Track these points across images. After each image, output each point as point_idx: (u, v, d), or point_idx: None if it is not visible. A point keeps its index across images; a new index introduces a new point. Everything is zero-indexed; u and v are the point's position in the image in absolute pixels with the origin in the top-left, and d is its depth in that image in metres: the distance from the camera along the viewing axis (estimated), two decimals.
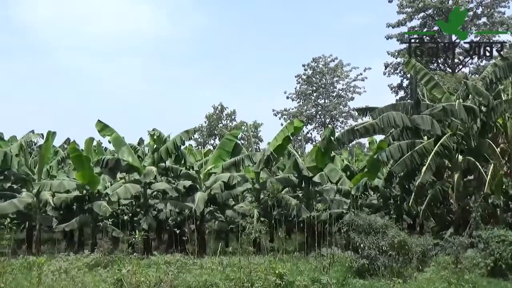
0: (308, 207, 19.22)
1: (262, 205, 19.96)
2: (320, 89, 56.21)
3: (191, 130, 19.97)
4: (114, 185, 19.90)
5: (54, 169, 21.49)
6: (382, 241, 13.30)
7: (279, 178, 20.54)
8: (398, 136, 18.02)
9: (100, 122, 19.72)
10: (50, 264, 13.75)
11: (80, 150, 19.11)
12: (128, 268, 12.13)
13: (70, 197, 20.09)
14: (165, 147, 19.18)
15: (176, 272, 13.08)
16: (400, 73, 45.85)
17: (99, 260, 15.05)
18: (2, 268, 12.43)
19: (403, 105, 18.64)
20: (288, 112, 55.24)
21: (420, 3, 41.45)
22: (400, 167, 16.48)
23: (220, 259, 15.60)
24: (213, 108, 55.16)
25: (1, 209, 17.97)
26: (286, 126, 20.22)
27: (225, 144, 20.80)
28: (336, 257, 14.90)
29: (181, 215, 20.38)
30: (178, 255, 16.03)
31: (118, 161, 19.23)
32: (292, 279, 12.05)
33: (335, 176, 20.35)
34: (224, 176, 19.54)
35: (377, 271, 13.06)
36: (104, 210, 18.34)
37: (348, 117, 55.07)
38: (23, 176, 20.03)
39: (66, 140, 29.40)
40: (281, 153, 20.39)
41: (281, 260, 14.85)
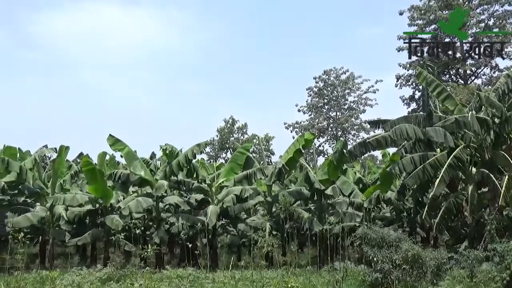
0: (320, 220, 19.11)
1: (274, 218, 19.89)
2: (331, 102, 56.23)
3: (202, 143, 20.03)
4: (127, 199, 19.97)
5: (68, 183, 21.63)
6: (396, 254, 13.15)
7: (291, 191, 20.47)
8: (410, 149, 17.89)
9: (112, 136, 19.84)
10: (63, 278, 13.82)
11: (93, 163, 19.21)
12: (140, 282, 12.16)
13: (83, 211, 20.17)
14: (176, 160, 19.24)
15: (189, 287, 13.10)
16: (412, 85, 45.74)
17: (111, 274, 15.05)
18: (15, 283, 12.53)
19: (415, 117, 18.54)
20: (300, 125, 55.28)
21: (431, 15, 41.46)
22: (413, 180, 16.36)
23: (232, 273, 15.54)
24: (225, 122, 55.41)
25: (15, 223, 18.09)
26: (297, 139, 20.20)
27: (237, 158, 20.81)
28: (349, 271, 14.78)
29: (193, 229, 20.37)
30: (190, 269, 16.01)
31: (130, 175, 19.31)
32: None
33: (348, 189, 20.25)
34: (236, 189, 19.55)
35: (391, 285, 12.91)
36: (116, 224, 18.38)
37: (360, 129, 54.98)
38: (37, 190, 20.18)
39: (79, 154, 29.61)
40: (293, 166, 20.34)
41: (293, 274, 14.76)
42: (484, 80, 44.15)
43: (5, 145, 20.64)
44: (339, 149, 19.31)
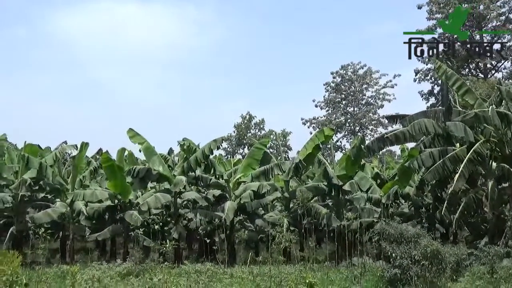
0: (338, 216, 19.05)
1: (292, 214, 19.88)
2: (349, 97, 55.90)
3: (219, 139, 20.06)
4: (145, 195, 20.11)
5: (87, 179, 21.86)
6: (415, 250, 13.05)
7: (308, 187, 20.42)
8: (429, 144, 17.74)
9: (132, 130, 19.97)
10: (84, 273, 13.96)
11: (112, 160, 19.39)
12: (159, 277, 12.24)
13: (102, 206, 20.39)
14: (194, 156, 19.32)
15: (207, 281, 13.14)
16: (430, 80, 45.24)
17: (131, 269, 15.22)
18: (37, 277, 12.71)
19: (434, 112, 18.36)
20: (317, 120, 55.05)
21: (450, 9, 40.90)
22: (432, 175, 16.22)
23: (250, 268, 15.60)
24: (242, 118, 55.45)
25: (36, 219, 18.38)
26: (316, 134, 20.14)
27: (254, 153, 20.83)
28: (367, 267, 14.73)
29: (211, 224, 20.46)
30: (208, 264, 16.09)
31: (149, 171, 19.43)
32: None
33: (366, 185, 20.13)
34: (254, 185, 19.58)
35: (410, 281, 12.82)
36: (135, 219, 18.55)
37: (378, 124, 54.56)
38: (57, 186, 20.44)
39: (99, 151, 29.90)
40: (310, 162, 20.29)
41: (311, 269, 14.77)
42: (505, 74, 43.51)
43: (25, 142, 20.91)
44: (357, 145, 19.23)
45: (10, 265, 10.39)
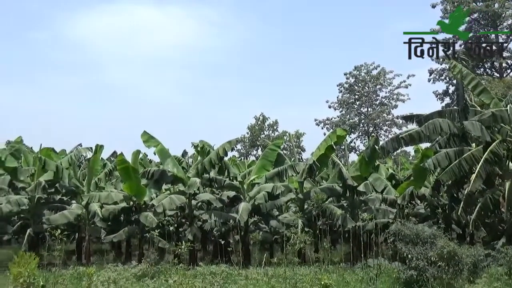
0: (353, 217, 18.95)
1: (306, 215, 19.82)
2: (362, 98, 55.63)
3: (233, 140, 20.08)
4: (160, 196, 20.19)
5: (102, 181, 21.99)
6: (431, 251, 12.94)
7: (323, 188, 20.36)
8: (445, 144, 17.58)
9: (146, 133, 20.06)
10: (100, 274, 14.10)
11: (127, 162, 19.49)
12: (174, 278, 12.30)
13: (118, 208, 20.49)
14: (208, 158, 19.35)
15: (222, 283, 13.18)
16: (445, 80, 44.89)
17: (146, 271, 15.29)
18: (53, 279, 12.84)
19: (449, 111, 18.20)
20: (331, 121, 54.89)
21: (464, 7, 40.55)
22: (448, 175, 16.06)
23: (265, 269, 15.59)
24: (255, 119, 55.48)
25: (52, 221, 18.53)
26: (329, 135, 20.06)
27: (268, 154, 20.81)
28: (383, 268, 14.63)
29: (225, 226, 20.47)
30: (223, 266, 16.12)
31: (163, 173, 19.50)
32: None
33: (380, 185, 20.02)
34: (268, 187, 19.56)
35: (426, 283, 12.72)
36: (150, 221, 18.63)
37: (392, 125, 54.24)
38: (73, 188, 20.59)
39: (113, 153, 30.10)
40: (324, 163, 20.22)
41: (326, 271, 14.72)
42: None
43: (41, 145, 21.12)
44: (371, 145, 19.12)
45: (27, 266, 10.53)
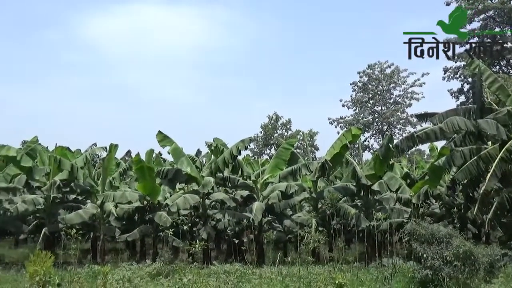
0: (367, 216, 18.85)
1: (320, 214, 19.76)
2: (376, 96, 55.34)
3: (247, 139, 20.05)
4: (174, 196, 20.26)
5: (117, 181, 22.12)
6: (446, 251, 12.81)
7: (337, 187, 20.28)
8: (460, 142, 17.38)
9: (161, 133, 20.12)
10: (114, 273, 14.17)
11: (143, 161, 19.59)
12: (189, 277, 12.32)
13: (132, 207, 20.60)
14: (222, 157, 19.36)
15: (236, 282, 13.15)
16: (460, 78, 44.41)
17: (160, 270, 15.33)
18: (69, 277, 12.91)
19: (465, 109, 17.99)
20: (344, 120, 54.69)
21: (480, 5, 40.06)
22: (464, 174, 15.89)
23: (279, 269, 15.55)
24: (268, 118, 55.45)
25: (67, 220, 18.68)
26: (343, 134, 19.95)
27: (281, 153, 20.77)
28: (397, 268, 14.51)
29: (239, 225, 20.49)
30: (237, 265, 16.12)
31: (177, 172, 19.55)
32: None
33: (395, 184, 19.87)
34: (281, 186, 19.52)
35: (442, 283, 12.58)
36: (164, 220, 18.70)
37: (406, 123, 53.92)
38: (88, 187, 20.73)
39: (127, 152, 30.31)
40: (338, 162, 20.13)
41: (340, 270, 14.63)
42: None
43: (56, 145, 21.30)
44: (385, 144, 18.99)
45: (43, 265, 10.59)
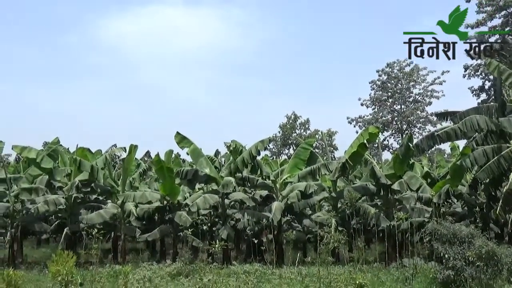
0: (387, 216, 18.72)
1: (340, 214, 19.67)
2: (395, 95, 54.74)
3: (266, 140, 20.07)
4: (193, 196, 20.34)
5: (137, 181, 22.30)
6: (469, 251, 12.65)
7: (356, 187, 20.16)
8: (482, 141, 17.14)
9: (179, 134, 20.25)
10: (135, 273, 14.29)
11: (163, 162, 19.71)
12: (209, 277, 12.37)
13: (152, 207, 20.75)
14: (241, 157, 19.40)
15: (256, 282, 13.18)
16: (481, 75, 43.76)
17: (180, 269, 15.43)
18: (91, 277, 13.08)
19: (486, 108, 17.72)
20: (363, 119, 54.25)
21: (500, 1, 39.44)
22: (486, 173, 15.66)
23: (298, 269, 15.55)
24: (287, 118, 55.32)
25: (89, 220, 18.88)
26: (361, 133, 19.83)
27: (300, 153, 20.72)
28: (418, 268, 14.39)
29: (258, 225, 20.49)
30: (256, 265, 16.14)
31: (197, 172, 19.65)
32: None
33: (415, 184, 19.65)
34: (301, 185, 19.47)
35: (464, 283, 12.43)
36: (184, 220, 18.80)
37: (426, 122, 53.23)
38: (108, 188, 20.94)
39: (146, 153, 30.54)
40: (357, 161, 20.01)
41: (361, 270, 14.55)
42: None
43: (77, 146, 21.54)
44: (405, 143, 18.83)
45: (65, 265, 10.74)
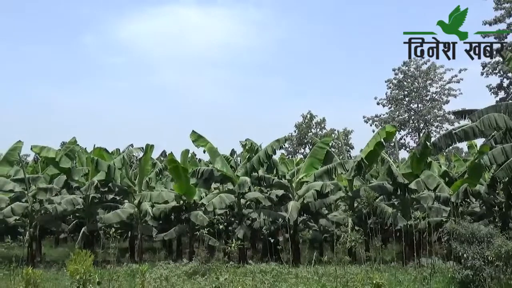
0: (404, 215, 18.55)
1: (356, 213, 19.56)
2: (412, 93, 54.33)
3: (282, 139, 20.04)
4: (209, 195, 20.39)
5: (153, 181, 22.40)
6: (488, 250, 12.50)
7: (373, 186, 20.00)
8: (500, 139, 16.90)
9: (195, 132, 20.31)
10: (152, 272, 14.37)
11: (177, 161, 19.78)
12: (225, 276, 12.38)
13: (168, 207, 20.81)
14: (257, 157, 19.39)
15: (272, 281, 13.17)
16: (499, 73, 43.21)
17: (197, 269, 15.48)
18: (108, 276, 13.17)
19: (505, 106, 17.46)
20: (379, 118, 53.97)
21: None
22: (505, 172, 15.45)
23: (315, 268, 15.49)
24: (303, 117, 55.23)
25: (106, 220, 19.02)
26: (378, 132, 19.71)
27: (316, 152, 20.63)
28: (436, 268, 14.27)
29: (274, 224, 20.47)
30: (273, 264, 16.12)
31: (212, 172, 19.69)
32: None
33: (433, 183, 19.45)
34: (317, 185, 19.37)
35: (483, 283, 12.29)
36: (200, 219, 18.85)
37: (444, 121, 52.74)
38: (125, 187, 21.07)
39: (162, 153, 30.64)
40: (374, 160, 19.89)
41: (378, 270, 14.47)
42: None
43: (94, 146, 21.72)
44: (422, 142, 18.65)
45: (83, 264, 10.81)
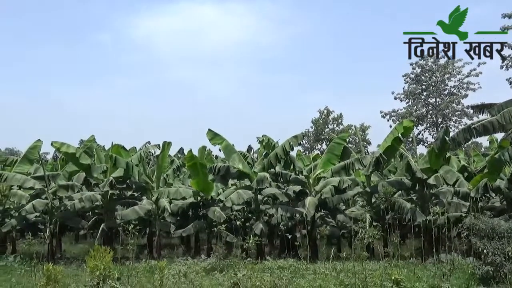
0: (423, 210, 18.40)
1: (374, 209, 19.46)
2: (430, 88, 53.69)
3: (299, 135, 20.01)
4: (227, 191, 20.46)
5: (171, 177, 22.52)
6: (508, 246, 12.34)
7: (391, 181, 19.87)
8: None
9: (211, 131, 20.39)
10: (170, 268, 14.46)
11: (195, 158, 19.87)
12: (243, 272, 12.42)
13: (186, 203, 20.94)
14: (274, 153, 19.39)
15: (290, 277, 13.17)
16: None
17: (215, 265, 15.55)
18: (127, 272, 13.31)
19: None
20: (397, 113, 53.45)
21: None
22: None
23: (333, 264, 15.46)
24: (319, 113, 55.00)
25: (124, 216, 19.19)
26: (395, 127, 19.56)
27: (333, 148, 20.55)
28: (456, 264, 14.11)
29: (292, 220, 20.44)
30: (291, 260, 16.12)
31: (229, 168, 19.74)
32: (409, 285, 11.62)
33: (452, 178, 19.26)
34: (334, 180, 19.31)
35: (504, 279, 12.14)
36: (218, 216, 18.92)
37: (462, 115, 52.05)
38: (143, 184, 21.24)
39: (180, 150, 30.79)
40: (391, 155, 19.74)
41: (396, 266, 14.38)
42: None
43: (112, 143, 21.90)
44: (441, 137, 18.46)
45: (103, 260, 10.93)
